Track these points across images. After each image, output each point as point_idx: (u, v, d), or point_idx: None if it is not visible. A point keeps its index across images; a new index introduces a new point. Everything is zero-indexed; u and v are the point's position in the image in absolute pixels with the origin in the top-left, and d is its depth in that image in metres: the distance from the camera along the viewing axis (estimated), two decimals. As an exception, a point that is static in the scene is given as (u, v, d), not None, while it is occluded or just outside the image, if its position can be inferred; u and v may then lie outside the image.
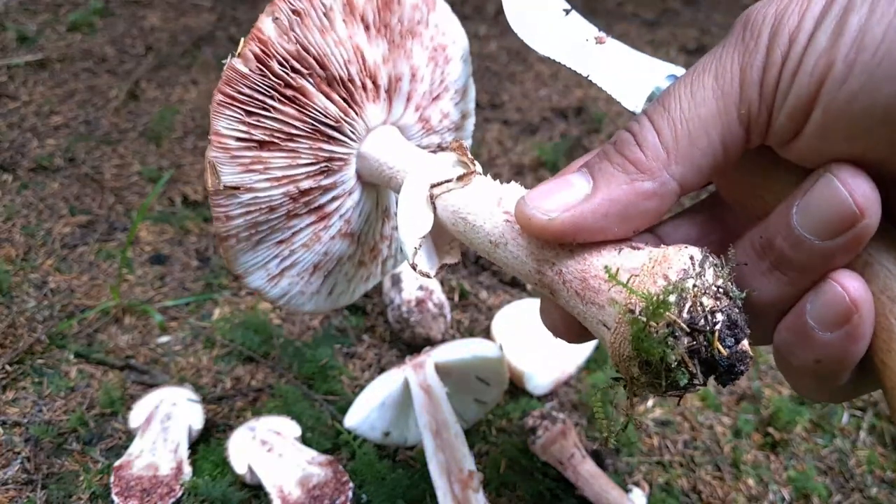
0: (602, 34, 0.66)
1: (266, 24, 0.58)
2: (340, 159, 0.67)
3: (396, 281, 1.13)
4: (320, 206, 0.69)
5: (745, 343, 0.46)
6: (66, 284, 1.24)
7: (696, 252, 0.48)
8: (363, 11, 0.64)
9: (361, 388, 1.00)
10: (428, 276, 0.63)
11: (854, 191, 0.45)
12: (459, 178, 0.60)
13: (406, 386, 0.92)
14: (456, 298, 1.23)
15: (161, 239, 1.37)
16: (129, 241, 1.22)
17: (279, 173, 0.63)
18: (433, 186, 0.60)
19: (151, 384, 1.07)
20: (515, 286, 1.29)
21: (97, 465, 0.96)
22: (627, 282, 0.47)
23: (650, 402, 1.09)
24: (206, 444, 0.98)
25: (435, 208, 0.61)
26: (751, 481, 0.99)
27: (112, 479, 0.89)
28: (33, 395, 1.04)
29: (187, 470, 0.93)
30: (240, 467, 0.93)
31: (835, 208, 0.46)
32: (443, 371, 0.93)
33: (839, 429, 1.06)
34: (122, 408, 1.03)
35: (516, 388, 1.08)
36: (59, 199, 1.43)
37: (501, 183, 0.60)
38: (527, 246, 0.54)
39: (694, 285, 0.45)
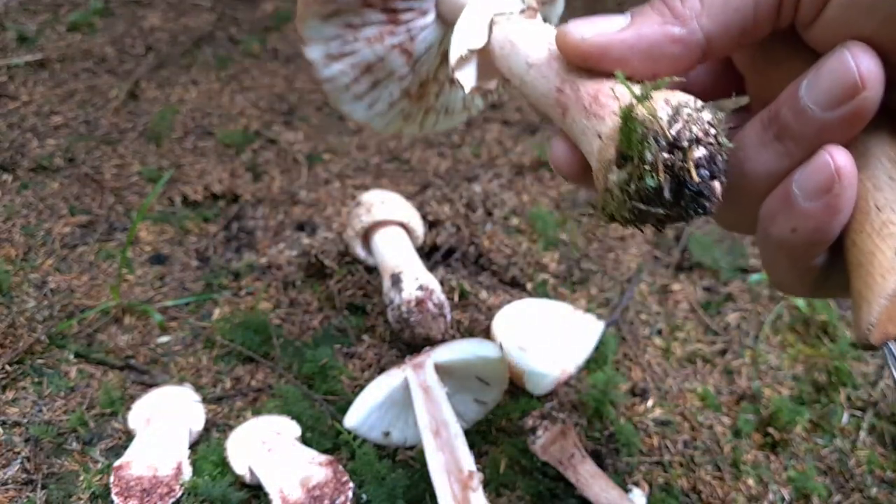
0: None
1: None
2: None
3: (396, 281, 1.13)
4: (395, 10, 0.74)
5: (717, 183, 0.48)
6: (66, 284, 1.24)
7: (700, 101, 0.50)
8: None
9: (361, 388, 1.00)
10: (463, 89, 0.69)
11: (860, 63, 0.48)
12: (522, 12, 0.65)
13: (406, 386, 0.92)
14: (456, 298, 1.23)
15: (161, 239, 1.37)
16: (129, 241, 1.22)
17: None
18: (497, 14, 0.65)
19: (151, 384, 1.07)
20: (515, 286, 1.29)
21: (97, 465, 0.96)
22: (630, 86, 0.50)
23: (650, 402, 1.09)
24: (206, 444, 0.98)
25: (490, 33, 0.66)
26: (751, 481, 0.99)
27: (112, 479, 0.89)
28: (33, 395, 1.04)
29: (187, 470, 0.93)
30: (240, 467, 0.93)
31: (839, 78, 0.48)
32: (443, 371, 0.93)
33: (839, 429, 1.06)
34: (122, 408, 1.03)
35: (516, 388, 1.08)
36: (59, 199, 1.43)
37: None
38: (557, 67, 0.58)
39: (689, 113, 0.48)
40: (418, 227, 1.26)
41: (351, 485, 0.90)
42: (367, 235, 1.23)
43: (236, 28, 2.13)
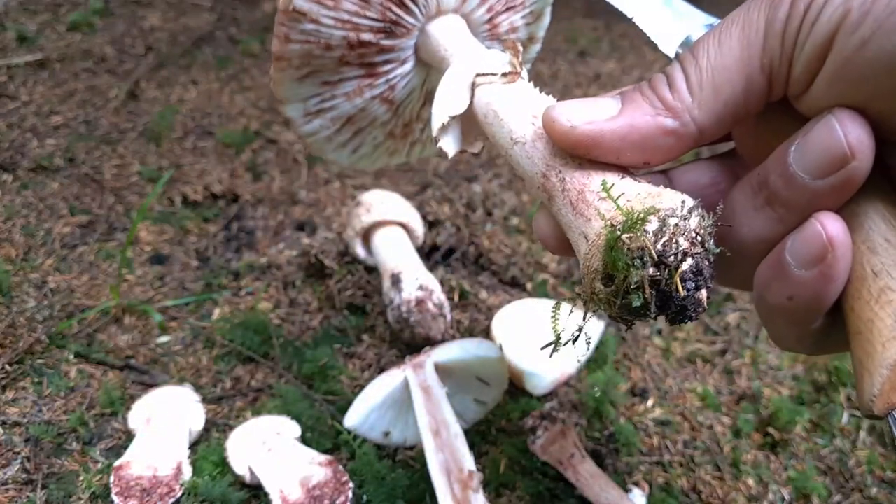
0: None
1: None
2: (405, 27, 0.70)
3: (396, 281, 1.13)
4: (372, 64, 0.72)
5: (703, 293, 0.48)
6: (65, 284, 1.24)
7: (689, 199, 0.50)
8: None
9: (361, 388, 1.00)
10: (446, 157, 0.67)
11: (849, 132, 0.47)
12: (504, 75, 0.64)
13: (406, 386, 0.92)
14: (456, 298, 1.23)
15: (161, 239, 1.37)
16: (129, 241, 1.22)
17: (346, 16, 0.66)
18: (478, 75, 0.64)
19: (151, 384, 1.07)
20: (515, 286, 1.29)
21: (97, 465, 0.96)
22: (617, 198, 0.50)
23: (650, 402, 1.09)
24: (206, 444, 0.98)
25: (473, 96, 0.64)
26: (751, 481, 0.99)
27: (112, 479, 0.89)
28: (33, 395, 1.04)
29: (187, 470, 0.93)
30: (240, 467, 0.93)
31: (828, 148, 0.48)
32: (443, 371, 0.93)
33: (839, 429, 1.06)
34: (122, 408, 1.03)
35: (516, 388, 1.08)
36: (59, 199, 1.43)
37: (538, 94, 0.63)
38: (542, 149, 0.57)
39: (676, 224, 0.47)
40: (418, 227, 1.26)
41: (351, 485, 0.90)
42: (367, 235, 1.23)
43: (236, 28, 2.13)
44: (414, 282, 1.13)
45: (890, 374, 0.48)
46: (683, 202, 0.49)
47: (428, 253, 1.33)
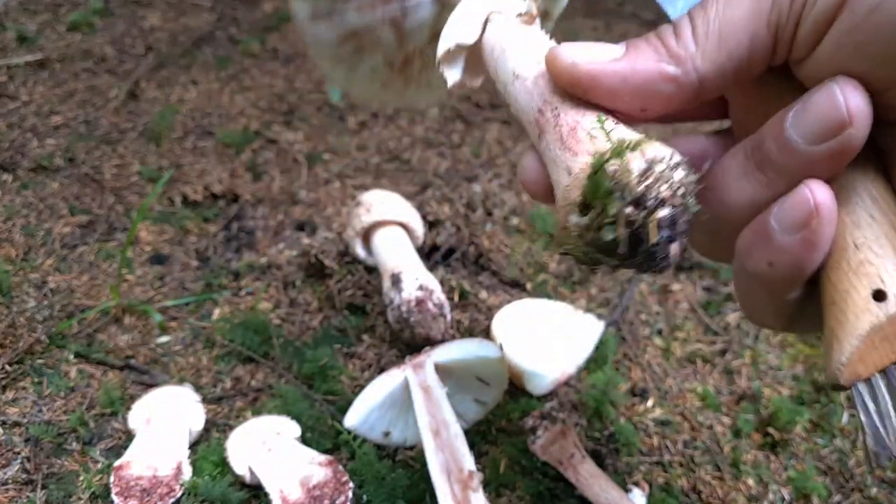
0: None
1: None
2: None
3: (396, 281, 1.13)
4: None
5: (675, 246, 0.48)
6: (66, 284, 1.24)
7: (678, 155, 0.49)
8: None
9: (361, 388, 1.00)
10: (446, 83, 0.67)
11: (850, 99, 0.47)
12: (520, 15, 0.63)
13: (406, 386, 0.92)
14: (456, 298, 1.23)
15: (161, 239, 1.37)
16: (129, 241, 1.22)
17: None
18: (493, 13, 0.63)
19: (151, 384, 1.07)
20: (515, 286, 1.29)
21: (97, 465, 0.96)
22: (609, 132, 0.50)
23: (650, 402, 1.09)
24: (206, 444, 0.98)
25: (484, 30, 0.64)
26: (751, 481, 0.99)
27: (112, 479, 0.89)
28: (33, 395, 1.04)
29: (187, 470, 0.93)
30: (240, 467, 0.93)
31: (826, 113, 0.48)
32: (443, 371, 0.93)
33: (839, 429, 1.06)
34: (122, 408, 1.03)
35: (516, 388, 1.08)
36: (59, 199, 1.43)
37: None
38: (543, 86, 0.57)
39: (661, 171, 0.47)
40: (418, 227, 1.26)
41: (351, 485, 0.90)
42: (367, 235, 1.23)
43: (236, 28, 2.13)
44: (414, 282, 1.13)
45: (860, 346, 0.48)
46: (672, 154, 0.49)
47: (428, 253, 1.33)
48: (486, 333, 1.17)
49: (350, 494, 0.89)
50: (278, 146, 1.66)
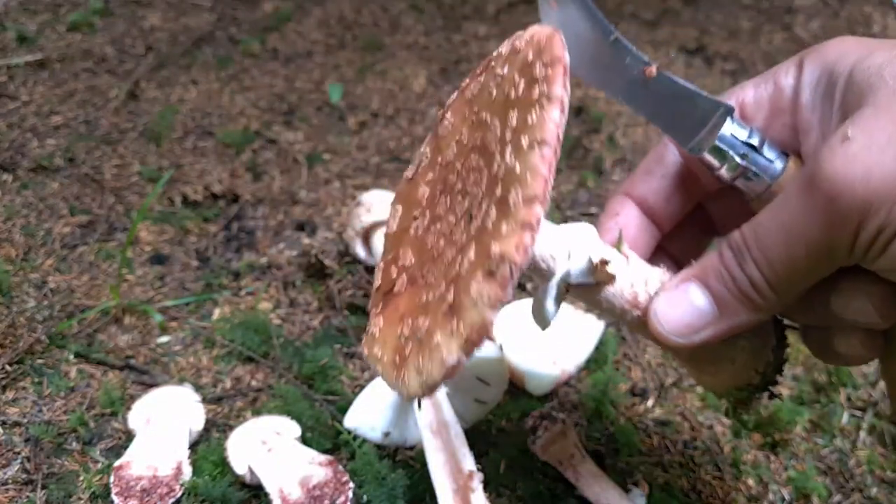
0: (649, 63, 0.68)
1: None
2: None
3: (396, 281, 1.13)
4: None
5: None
6: (66, 284, 1.24)
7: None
8: None
9: (361, 388, 1.00)
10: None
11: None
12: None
13: (406, 386, 0.91)
14: (456, 298, 1.23)
15: (161, 239, 1.37)
16: (129, 241, 1.22)
17: None
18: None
19: (151, 384, 1.07)
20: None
21: (97, 465, 0.96)
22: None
23: (650, 402, 1.09)
24: (206, 444, 0.98)
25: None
26: (751, 481, 0.99)
27: (112, 479, 0.89)
28: (33, 395, 1.04)
29: (187, 470, 0.93)
30: (240, 467, 0.93)
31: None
32: (443, 371, 0.92)
33: (839, 429, 1.06)
34: (122, 408, 1.03)
35: (516, 388, 1.08)
36: (59, 199, 1.43)
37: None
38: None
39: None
40: (418, 227, 1.26)
41: (351, 485, 0.90)
42: (367, 235, 1.23)
43: (236, 28, 2.13)
44: (414, 282, 1.12)
45: None
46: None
47: (428, 253, 1.33)
48: (486, 333, 1.16)
49: (350, 494, 0.89)
50: (278, 146, 1.66)
